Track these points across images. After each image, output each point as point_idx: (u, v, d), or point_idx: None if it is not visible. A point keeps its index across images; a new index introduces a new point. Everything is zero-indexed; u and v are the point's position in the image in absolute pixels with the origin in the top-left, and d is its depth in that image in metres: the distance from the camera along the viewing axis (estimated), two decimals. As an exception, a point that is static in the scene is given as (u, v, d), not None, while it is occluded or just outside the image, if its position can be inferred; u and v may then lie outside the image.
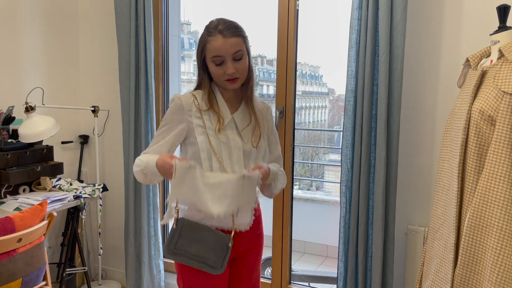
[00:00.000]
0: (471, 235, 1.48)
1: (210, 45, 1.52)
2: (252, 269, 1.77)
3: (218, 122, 1.59)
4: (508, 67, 1.45)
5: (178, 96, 1.60)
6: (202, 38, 1.57)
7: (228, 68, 1.53)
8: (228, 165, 1.58)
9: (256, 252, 1.77)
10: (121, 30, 2.70)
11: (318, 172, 8.99)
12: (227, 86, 1.59)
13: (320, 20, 9.65)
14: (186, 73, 8.68)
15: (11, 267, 1.86)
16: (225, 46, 1.51)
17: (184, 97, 1.60)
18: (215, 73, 1.56)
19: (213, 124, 1.59)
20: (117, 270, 3.19)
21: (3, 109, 2.52)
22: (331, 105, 13.19)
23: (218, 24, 1.53)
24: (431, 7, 2.14)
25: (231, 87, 1.59)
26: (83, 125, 3.13)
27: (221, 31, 1.51)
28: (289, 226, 2.64)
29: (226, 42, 1.50)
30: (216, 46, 1.51)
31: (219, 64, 1.53)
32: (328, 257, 4.77)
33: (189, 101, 1.59)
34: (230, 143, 1.59)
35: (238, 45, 1.53)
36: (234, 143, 1.59)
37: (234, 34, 1.52)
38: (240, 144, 1.60)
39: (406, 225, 2.29)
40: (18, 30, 2.67)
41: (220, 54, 1.51)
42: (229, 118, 1.62)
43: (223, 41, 1.50)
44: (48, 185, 2.50)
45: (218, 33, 1.51)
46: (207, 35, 1.54)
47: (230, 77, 1.55)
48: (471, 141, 1.50)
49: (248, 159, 1.62)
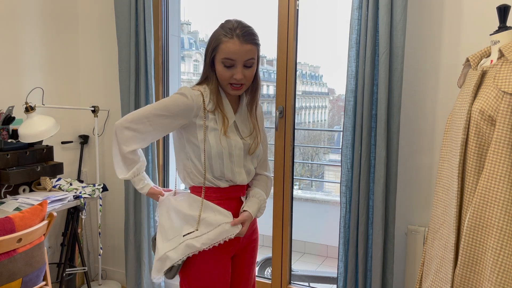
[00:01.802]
0: (471, 235, 1.48)
1: (225, 46, 1.49)
2: (251, 264, 1.80)
3: (223, 123, 1.58)
4: (508, 67, 1.45)
5: (190, 94, 1.56)
6: (216, 36, 1.53)
7: (237, 72, 1.51)
8: (228, 167, 1.59)
9: (253, 246, 1.80)
10: (121, 30, 2.70)
11: (318, 172, 8.99)
12: (229, 91, 1.58)
13: (320, 20, 9.64)
14: (186, 73, 8.68)
15: (11, 267, 1.86)
16: (240, 51, 1.49)
17: (195, 97, 1.56)
18: (222, 74, 1.54)
19: (218, 125, 1.59)
20: (117, 270, 3.19)
21: (3, 109, 2.52)
22: (331, 105, 13.18)
23: (237, 26, 1.50)
24: (431, 7, 2.14)
25: (233, 93, 1.58)
26: (83, 125, 3.13)
27: (239, 35, 1.49)
28: (289, 226, 2.64)
29: (242, 47, 1.49)
30: (231, 49, 1.49)
31: (229, 66, 1.52)
32: (328, 257, 4.77)
33: (199, 102, 1.56)
34: (232, 145, 1.59)
35: (252, 52, 1.52)
36: (235, 144, 1.60)
37: (251, 41, 1.51)
38: (241, 145, 1.62)
39: (406, 225, 2.29)
40: (18, 30, 2.67)
41: (233, 58, 1.50)
42: (233, 119, 1.63)
43: (239, 45, 1.48)
44: (48, 185, 2.50)
45: (235, 36, 1.49)
46: (223, 35, 1.50)
47: (236, 82, 1.54)
48: (471, 141, 1.50)
49: (246, 159, 1.65)
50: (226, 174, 1.60)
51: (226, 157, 1.58)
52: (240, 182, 1.64)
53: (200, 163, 1.59)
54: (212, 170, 1.59)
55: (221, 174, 1.60)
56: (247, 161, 1.65)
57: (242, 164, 1.63)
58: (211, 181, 1.61)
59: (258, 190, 1.73)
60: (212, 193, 1.62)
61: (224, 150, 1.57)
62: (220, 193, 1.63)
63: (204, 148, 1.57)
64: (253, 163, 1.70)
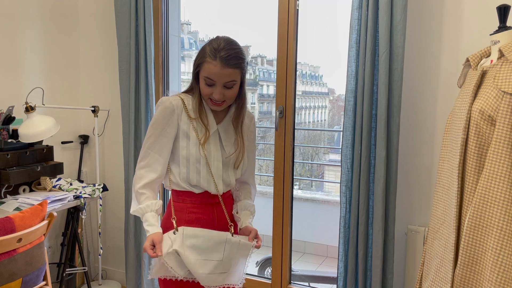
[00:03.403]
0: (471, 235, 1.48)
1: (207, 66, 1.51)
2: None
3: (204, 134, 1.60)
4: (508, 67, 1.45)
5: (168, 99, 1.59)
6: (202, 53, 1.54)
7: (216, 92, 1.53)
8: (204, 177, 1.61)
9: None
10: (121, 30, 2.70)
11: (318, 172, 8.99)
12: (211, 106, 1.61)
13: (320, 20, 9.65)
14: (186, 73, 8.68)
15: (11, 267, 1.86)
16: (220, 74, 1.50)
17: (174, 101, 1.59)
18: (203, 90, 1.57)
19: (199, 135, 1.60)
20: (117, 270, 3.19)
21: (3, 109, 2.52)
22: (331, 105, 13.20)
23: (222, 48, 1.50)
24: (431, 7, 2.14)
25: (214, 108, 1.60)
26: (83, 125, 3.13)
27: (222, 58, 1.48)
28: (289, 226, 2.64)
29: (222, 71, 1.49)
30: (211, 71, 1.50)
31: (210, 85, 1.54)
32: (328, 257, 4.77)
33: (178, 104, 1.59)
34: (211, 156, 1.61)
35: (233, 76, 1.52)
36: (215, 155, 1.62)
37: (233, 66, 1.50)
38: (220, 156, 1.63)
39: (406, 225, 2.29)
40: (18, 30, 2.67)
41: (213, 78, 1.51)
42: (215, 129, 1.64)
43: (220, 69, 1.49)
44: (48, 185, 2.50)
45: (218, 59, 1.49)
46: (207, 55, 1.51)
47: (216, 101, 1.56)
48: (471, 141, 1.50)
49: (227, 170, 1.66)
50: (202, 183, 1.62)
51: (203, 167, 1.60)
52: (214, 192, 1.65)
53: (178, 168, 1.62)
54: (187, 177, 1.61)
55: (197, 182, 1.62)
56: (227, 173, 1.66)
57: (220, 176, 1.64)
58: (185, 186, 1.63)
59: (248, 202, 1.76)
60: (186, 197, 1.65)
61: (202, 159, 1.59)
62: (195, 197, 1.65)
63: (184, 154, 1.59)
64: (236, 174, 1.70)
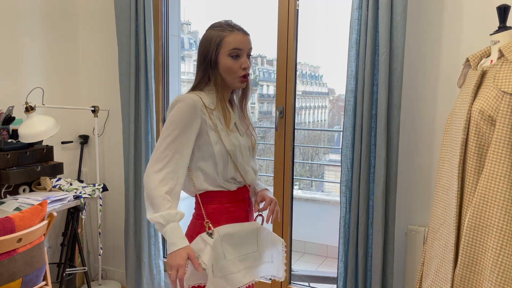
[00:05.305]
0: (471, 235, 1.48)
1: (231, 38, 1.54)
2: None
3: (225, 119, 1.57)
4: (508, 67, 1.45)
5: (186, 95, 1.53)
6: (214, 36, 1.55)
7: (244, 61, 1.56)
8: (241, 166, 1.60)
9: None
10: (121, 30, 2.70)
11: (318, 172, 8.99)
12: (237, 84, 1.58)
13: (320, 20, 9.67)
14: (186, 73, 8.69)
15: (11, 267, 1.86)
16: (245, 41, 1.57)
17: (191, 95, 1.53)
18: (231, 67, 1.55)
19: (222, 123, 1.57)
20: (117, 270, 3.19)
21: (3, 109, 2.52)
22: (331, 105, 13.20)
23: (229, 22, 1.58)
24: (431, 7, 2.14)
25: (241, 85, 1.60)
26: (83, 125, 3.13)
27: (238, 28, 1.57)
28: (289, 226, 2.64)
29: (245, 38, 1.57)
30: (238, 39, 1.55)
31: (236, 57, 1.56)
32: (328, 257, 4.77)
33: (198, 99, 1.53)
34: (241, 144, 1.61)
35: (251, 43, 1.61)
36: (243, 143, 1.62)
37: (247, 34, 1.60)
38: (246, 144, 1.64)
39: (406, 225, 2.29)
40: (18, 30, 2.67)
41: (240, 47, 1.55)
42: (236, 115, 1.64)
43: (242, 36, 1.56)
44: (48, 185, 2.50)
45: (236, 29, 1.56)
46: (222, 32, 1.55)
47: (245, 73, 1.57)
48: (471, 141, 1.50)
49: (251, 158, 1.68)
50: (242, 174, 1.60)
51: (239, 156, 1.59)
52: (250, 181, 1.66)
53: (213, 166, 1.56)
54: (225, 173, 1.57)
55: (234, 175, 1.58)
56: (252, 161, 1.69)
57: (249, 163, 1.65)
58: (222, 185, 1.58)
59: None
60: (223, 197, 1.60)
61: (236, 148, 1.58)
62: (231, 196, 1.61)
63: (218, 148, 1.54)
64: (255, 161, 1.71)
